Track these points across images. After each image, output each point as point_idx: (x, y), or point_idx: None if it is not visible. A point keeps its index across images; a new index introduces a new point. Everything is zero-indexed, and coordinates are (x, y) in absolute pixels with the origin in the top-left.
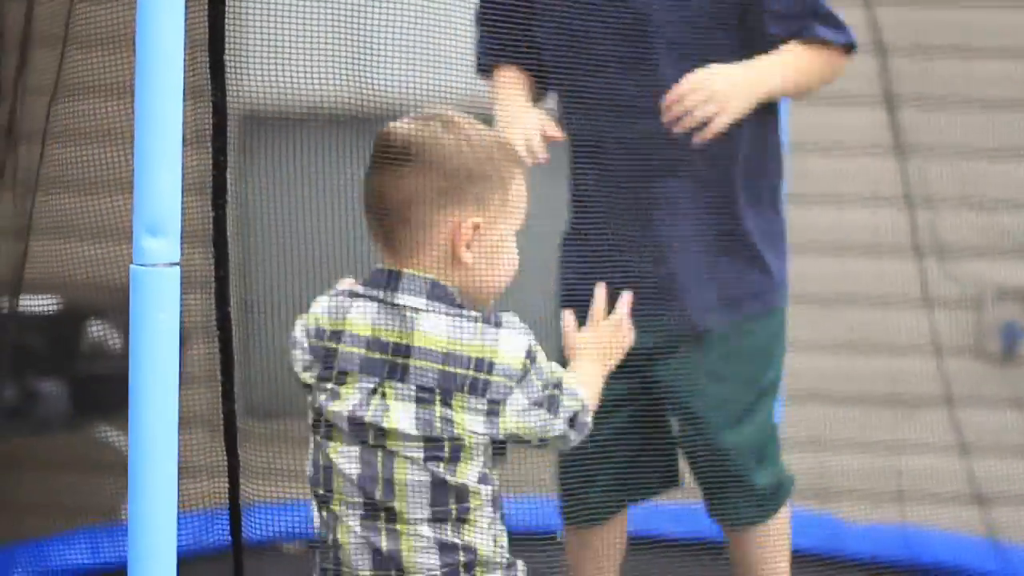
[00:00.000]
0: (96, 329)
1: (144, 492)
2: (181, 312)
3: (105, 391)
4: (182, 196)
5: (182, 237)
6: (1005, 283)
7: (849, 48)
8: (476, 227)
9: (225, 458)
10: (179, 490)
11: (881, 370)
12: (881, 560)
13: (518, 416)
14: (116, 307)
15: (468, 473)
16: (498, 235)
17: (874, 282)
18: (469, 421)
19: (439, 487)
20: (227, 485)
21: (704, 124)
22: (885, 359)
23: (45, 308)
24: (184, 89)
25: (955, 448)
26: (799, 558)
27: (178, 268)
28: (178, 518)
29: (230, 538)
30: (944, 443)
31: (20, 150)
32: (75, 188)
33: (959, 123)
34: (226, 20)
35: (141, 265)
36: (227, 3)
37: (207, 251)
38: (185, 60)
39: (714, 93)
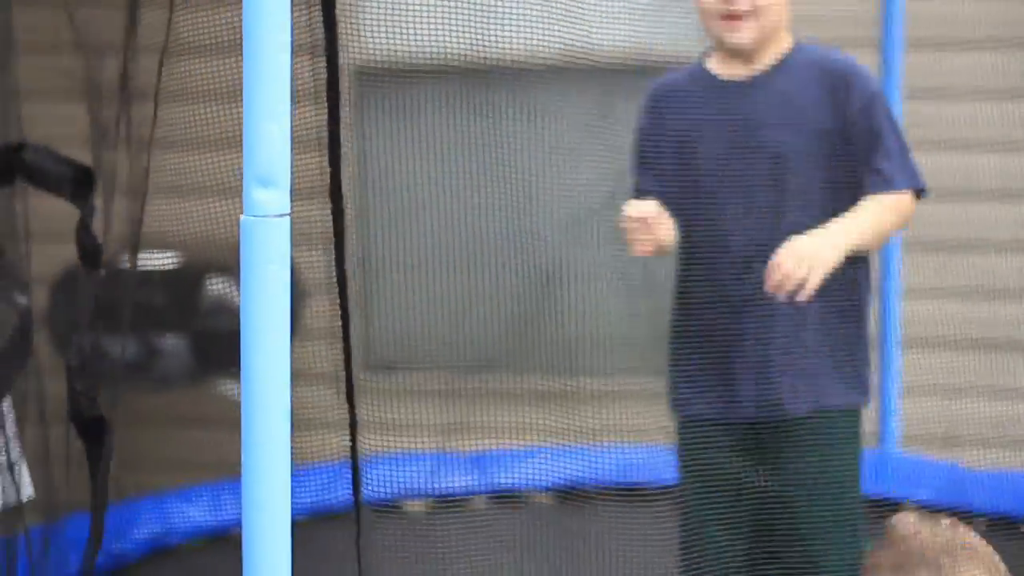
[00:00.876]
0: (216, 285)
1: (257, 445)
2: (299, 267)
3: (226, 346)
4: (293, 150)
5: (293, 190)
6: None
7: (920, 193)
8: None
9: (347, 414)
10: (298, 445)
11: (1004, 316)
12: (1006, 511)
13: None
14: (236, 263)
15: None
16: None
17: (1000, 227)
18: None
19: None
20: (348, 440)
21: (801, 286)
22: (1009, 305)
23: (166, 264)
24: (296, 44)
25: None
26: (922, 507)
27: (288, 219)
28: (296, 473)
29: (351, 493)
30: None
31: (132, 109)
32: (192, 145)
33: None
34: None
35: (252, 216)
36: None
37: (325, 206)
38: (302, 16)
39: (805, 256)
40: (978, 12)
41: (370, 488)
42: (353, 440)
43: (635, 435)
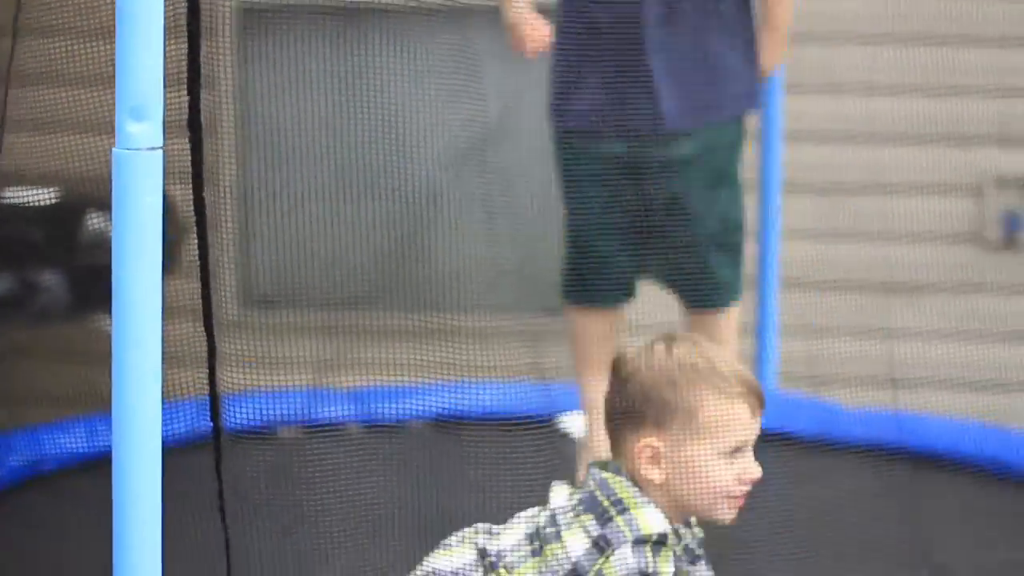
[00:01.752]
0: (95, 221)
1: (128, 378)
2: (178, 202)
3: (104, 282)
4: (168, 86)
5: (168, 125)
6: (1005, 171)
7: None
8: (652, 448)
9: (205, 345)
10: (172, 379)
11: (878, 258)
12: (875, 444)
13: None
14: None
15: None
16: (686, 457)
17: (872, 171)
18: None
19: None
20: (207, 371)
21: None
22: (882, 247)
23: (44, 200)
24: None
25: (952, 335)
26: (793, 442)
27: (160, 152)
28: (171, 407)
29: (211, 425)
30: (940, 329)
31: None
32: (71, 80)
33: (959, 11)
34: None
35: (124, 149)
36: None
37: (208, 142)
38: None
39: None
40: None
41: (242, 419)
42: (211, 368)
43: (508, 371)
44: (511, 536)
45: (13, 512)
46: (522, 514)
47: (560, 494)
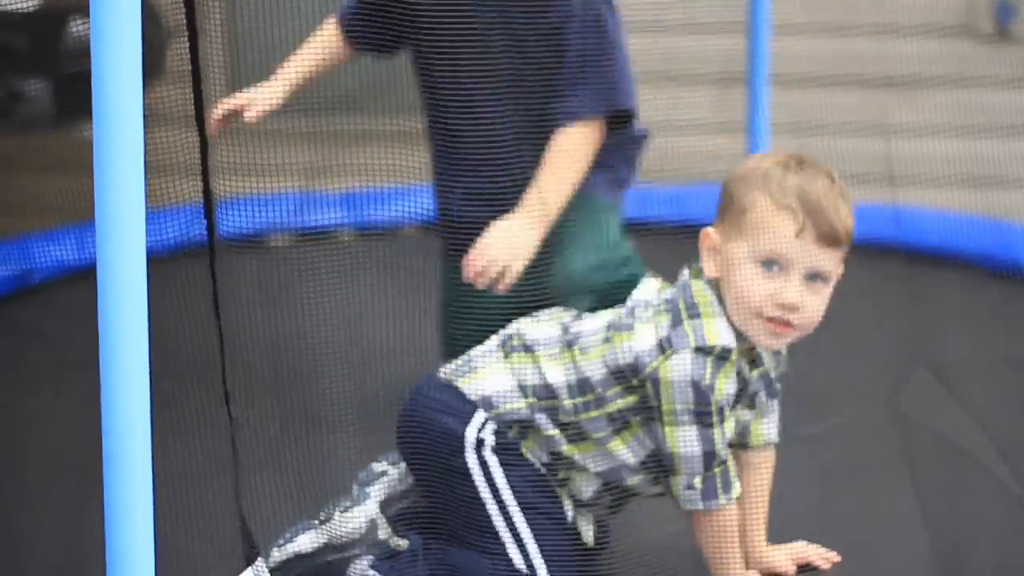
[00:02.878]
0: (79, 27)
1: (111, 186)
2: (163, 6)
3: (89, 89)
4: None
5: None
6: None
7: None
8: (711, 238)
9: (198, 151)
10: (162, 187)
11: (870, 52)
12: (869, 240)
13: None
14: None
15: None
16: (730, 254)
17: None
18: None
19: None
20: (200, 171)
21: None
22: (873, 41)
23: (25, 6)
24: None
25: (948, 129)
26: None
27: None
28: (161, 214)
29: (205, 232)
30: (936, 124)
31: None
32: None
33: None
34: None
35: None
36: None
37: None
38: None
39: (493, 260)
40: None
41: (231, 225)
42: (204, 168)
43: None
44: (593, 322)
45: (2, 321)
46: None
47: (648, 288)
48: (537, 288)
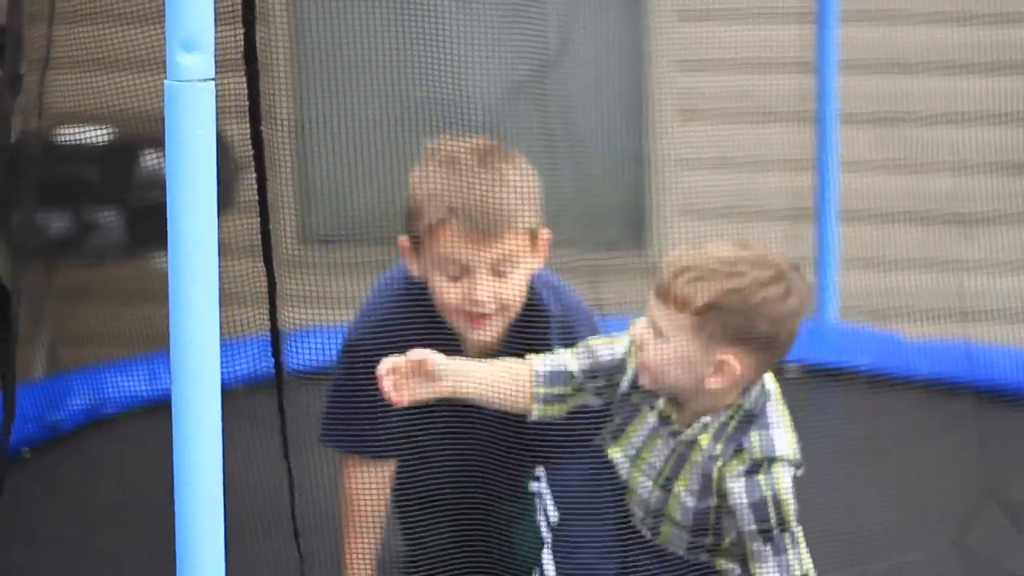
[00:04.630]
0: (151, 159)
1: (186, 318)
2: (233, 140)
3: (161, 220)
4: (220, 21)
5: (221, 60)
6: None
7: None
8: None
9: (265, 282)
10: (231, 318)
11: (940, 188)
12: (939, 378)
13: None
14: None
15: None
16: None
17: (929, 99)
18: None
19: None
20: (268, 308)
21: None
22: (944, 177)
23: (99, 139)
24: None
25: (1021, 265)
26: (857, 375)
27: (212, 84)
28: (230, 346)
29: (272, 365)
30: (1008, 260)
31: None
32: (120, 18)
33: None
34: None
35: (176, 81)
36: None
37: (264, 76)
38: None
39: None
40: None
41: (302, 358)
42: (272, 303)
43: None
44: None
45: (74, 454)
46: None
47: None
48: None
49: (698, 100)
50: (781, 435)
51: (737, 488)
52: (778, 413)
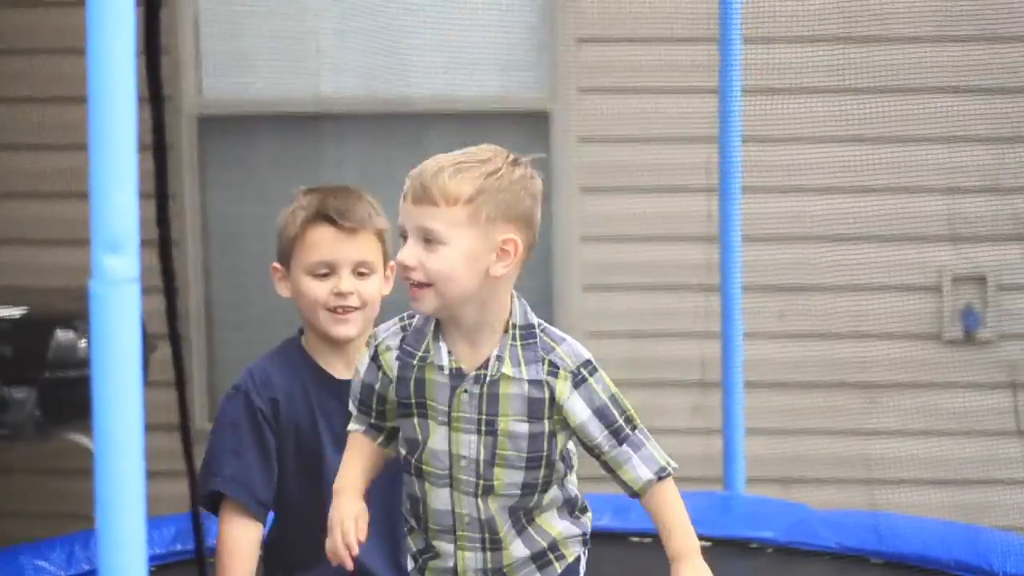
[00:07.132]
0: (64, 335)
1: (112, 504)
2: (147, 315)
3: (75, 396)
4: (139, 208)
5: (140, 252)
6: (959, 269)
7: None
8: None
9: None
10: (151, 494)
11: (846, 357)
12: (849, 547)
13: None
14: (83, 314)
15: None
16: None
17: (834, 270)
18: None
19: None
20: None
21: None
22: (850, 346)
23: (12, 316)
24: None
25: (923, 432)
26: (765, 547)
27: (137, 284)
28: (152, 523)
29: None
30: (912, 428)
31: None
32: (40, 196)
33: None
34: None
35: (101, 282)
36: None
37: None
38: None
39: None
40: (815, 58)
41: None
42: (192, 487)
43: None
44: None
45: None
46: None
47: None
48: None
49: (605, 272)
50: (575, 341)
51: (578, 405)
52: (552, 328)
